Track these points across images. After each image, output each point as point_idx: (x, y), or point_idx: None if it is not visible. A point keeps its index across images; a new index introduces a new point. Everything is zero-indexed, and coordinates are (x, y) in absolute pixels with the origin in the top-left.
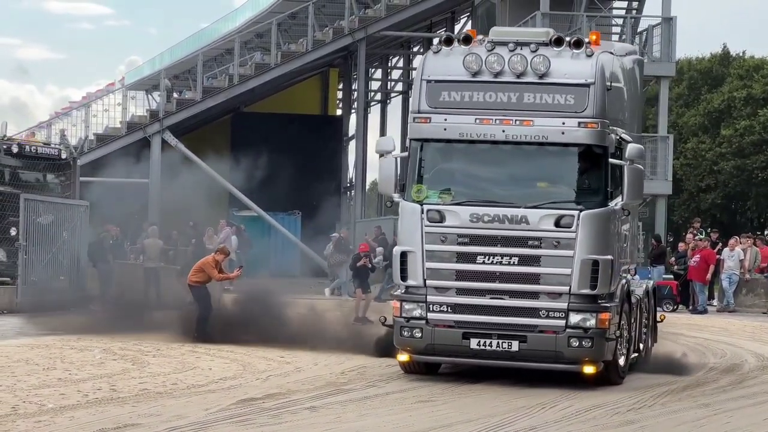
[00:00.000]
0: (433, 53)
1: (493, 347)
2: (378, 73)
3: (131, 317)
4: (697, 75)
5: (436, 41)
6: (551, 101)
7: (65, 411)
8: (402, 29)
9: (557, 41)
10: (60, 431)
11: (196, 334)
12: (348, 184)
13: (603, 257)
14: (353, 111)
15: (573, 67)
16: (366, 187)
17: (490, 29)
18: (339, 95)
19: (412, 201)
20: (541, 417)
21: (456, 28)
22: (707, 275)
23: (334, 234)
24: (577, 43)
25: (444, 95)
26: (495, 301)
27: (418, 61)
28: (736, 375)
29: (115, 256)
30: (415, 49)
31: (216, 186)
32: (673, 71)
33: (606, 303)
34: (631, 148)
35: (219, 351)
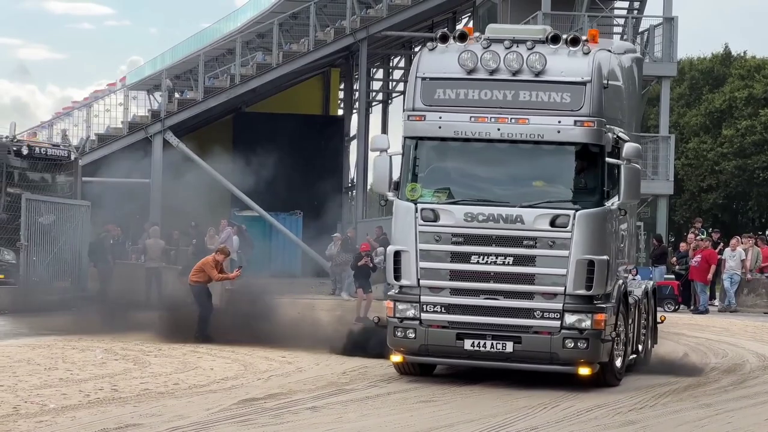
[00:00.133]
0: (429, 50)
1: (488, 348)
2: (379, 73)
3: (131, 317)
4: (699, 75)
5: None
6: (547, 99)
7: (67, 411)
8: (403, 29)
9: (554, 39)
10: (61, 431)
11: (196, 334)
12: (349, 184)
13: (599, 257)
14: (355, 111)
15: (569, 65)
16: (367, 187)
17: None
18: (340, 95)
19: (406, 200)
20: (543, 417)
21: (457, 28)
22: (708, 275)
23: (335, 234)
24: (574, 41)
25: (439, 93)
26: (489, 302)
27: None
28: (737, 375)
29: (117, 256)
30: (417, 49)
31: (217, 186)
32: (675, 71)
33: (602, 304)
34: (629, 147)
35: (220, 351)
